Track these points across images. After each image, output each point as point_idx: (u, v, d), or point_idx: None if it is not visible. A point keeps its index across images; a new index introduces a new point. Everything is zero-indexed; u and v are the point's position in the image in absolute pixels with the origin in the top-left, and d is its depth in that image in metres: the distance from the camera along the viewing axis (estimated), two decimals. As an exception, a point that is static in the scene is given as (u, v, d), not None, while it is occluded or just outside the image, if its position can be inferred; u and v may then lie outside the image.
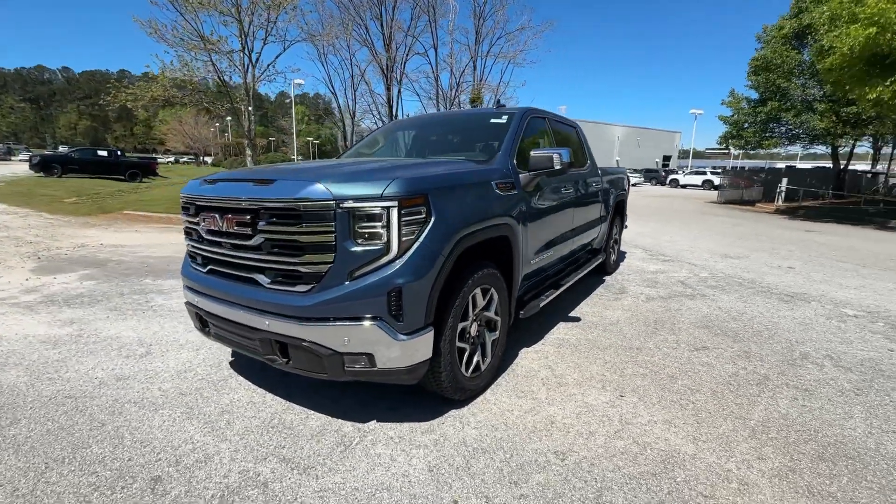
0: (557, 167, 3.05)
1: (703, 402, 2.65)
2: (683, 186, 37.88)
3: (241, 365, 3.11)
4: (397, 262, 2.06)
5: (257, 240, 2.17)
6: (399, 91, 23.08)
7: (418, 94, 19.44)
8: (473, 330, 2.59)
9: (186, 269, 2.75)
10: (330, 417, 2.46)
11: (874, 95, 11.28)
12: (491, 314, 2.76)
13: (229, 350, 3.36)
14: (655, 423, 2.42)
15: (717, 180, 33.99)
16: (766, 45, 19.70)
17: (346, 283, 2.05)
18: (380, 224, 2.04)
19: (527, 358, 3.26)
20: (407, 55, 21.82)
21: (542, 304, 3.33)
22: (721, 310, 4.49)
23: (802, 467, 2.06)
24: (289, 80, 16.27)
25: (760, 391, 2.80)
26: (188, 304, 2.71)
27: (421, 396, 2.66)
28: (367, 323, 2.04)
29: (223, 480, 1.95)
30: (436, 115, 4.18)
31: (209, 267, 2.52)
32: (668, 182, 40.66)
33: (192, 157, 72.88)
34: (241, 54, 13.32)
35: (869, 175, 25.44)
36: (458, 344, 2.45)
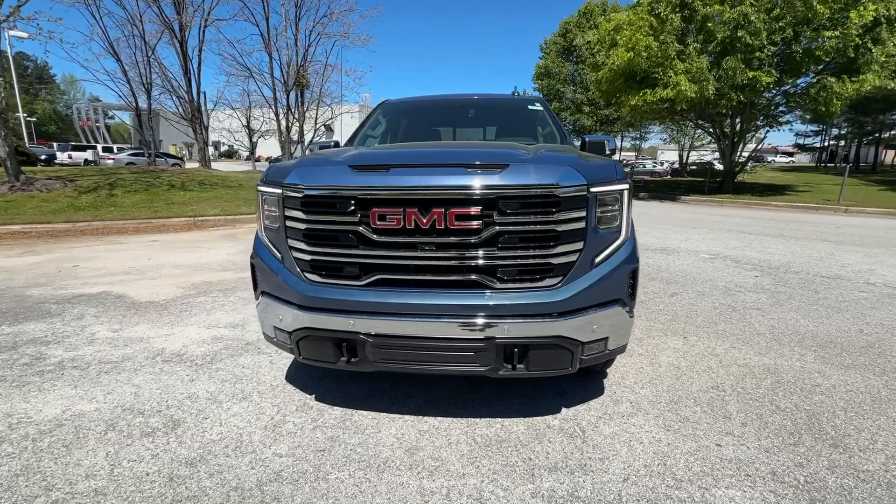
0: (608, 153, 3.43)
1: (729, 330, 3.54)
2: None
3: (330, 393, 2.51)
4: (627, 243, 2.11)
5: (487, 234, 1.86)
6: (199, 63, 19.29)
7: (249, 70, 16.48)
8: None
9: (303, 286, 2.05)
10: (527, 418, 2.31)
11: (633, 102, 15.57)
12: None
13: (284, 383, 2.62)
14: (730, 350, 3.14)
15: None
16: (547, 55, 24.53)
17: (592, 270, 1.99)
18: (616, 207, 2.04)
19: (587, 325, 3.62)
20: (206, 20, 18.31)
21: None
22: (643, 265, 5.77)
23: (826, 355, 3.08)
24: (44, 32, 11.41)
25: (742, 315, 3.89)
26: (314, 331, 2.03)
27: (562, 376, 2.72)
28: (613, 307, 2.04)
29: (529, 511, 1.69)
30: (460, 97, 3.93)
31: (375, 277, 1.97)
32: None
33: None
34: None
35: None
36: None
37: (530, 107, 3.67)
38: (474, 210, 1.84)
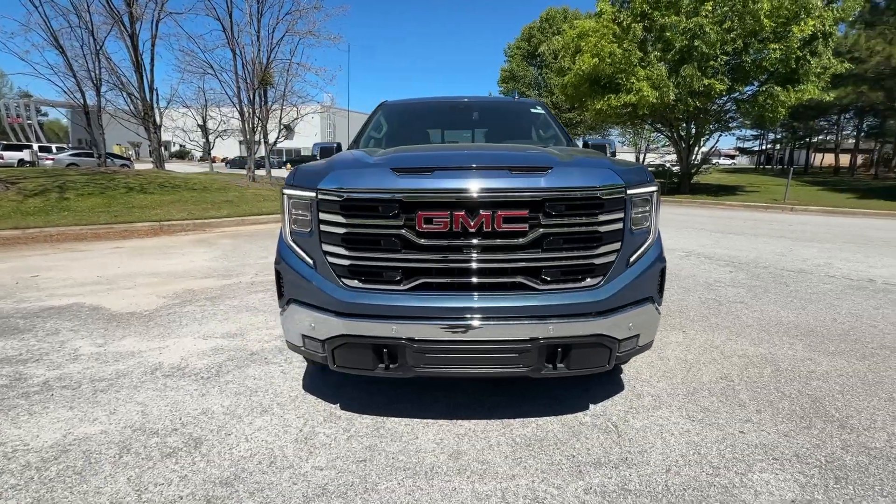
0: (608, 155, 3.54)
1: (721, 323, 3.75)
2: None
3: (354, 401, 2.45)
4: (656, 243, 2.19)
5: (533, 235, 1.88)
6: (152, 58, 18.18)
7: (212, 67, 15.56)
8: None
9: (341, 292, 1.99)
10: (559, 416, 2.34)
11: (598, 107, 16.15)
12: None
13: (303, 393, 2.53)
14: (727, 342, 3.33)
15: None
16: (511, 59, 25.01)
17: (627, 269, 2.06)
18: (647, 208, 2.12)
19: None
20: (160, 12, 17.30)
21: None
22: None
23: (811, 343, 3.33)
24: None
25: (729, 308, 4.13)
26: (353, 338, 1.98)
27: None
28: (646, 305, 2.11)
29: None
30: (462, 100, 3.90)
31: (419, 281, 1.94)
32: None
33: None
34: None
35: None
36: None
37: (532, 110, 3.74)
38: (522, 212, 1.85)
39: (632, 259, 2.08)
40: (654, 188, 2.13)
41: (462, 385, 2.66)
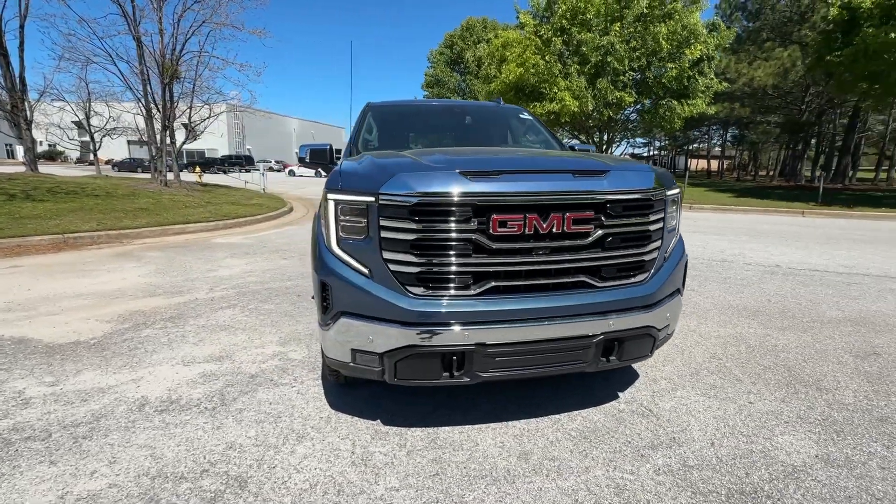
0: (591, 159, 3.81)
1: (686, 308, 4.20)
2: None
3: (394, 415, 2.37)
4: (680, 240, 2.42)
5: (596, 235, 1.97)
6: (22, 42, 15.35)
7: (112, 57, 13.36)
8: None
9: (407, 301, 1.90)
10: (598, 407, 2.47)
11: (524, 114, 17.05)
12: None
13: (333, 413, 2.38)
14: (700, 325, 3.75)
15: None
16: (435, 65, 25.37)
17: (665, 264, 2.25)
18: (675, 208, 2.33)
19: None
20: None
21: None
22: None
23: (763, 322, 3.88)
24: None
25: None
26: (420, 348, 1.91)
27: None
28: (677, 296, 2.32)
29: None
30: (452, 104, 3.86)
31: (489, 284, 1.93)
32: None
33: None
34: None
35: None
36: None
37: (521, 115, 3.88)
38: (588, 214, 1.94)
39: (666, 255, 2.27)
40: (678, 190, 2.35)
41: (492, 387, 2.68)
